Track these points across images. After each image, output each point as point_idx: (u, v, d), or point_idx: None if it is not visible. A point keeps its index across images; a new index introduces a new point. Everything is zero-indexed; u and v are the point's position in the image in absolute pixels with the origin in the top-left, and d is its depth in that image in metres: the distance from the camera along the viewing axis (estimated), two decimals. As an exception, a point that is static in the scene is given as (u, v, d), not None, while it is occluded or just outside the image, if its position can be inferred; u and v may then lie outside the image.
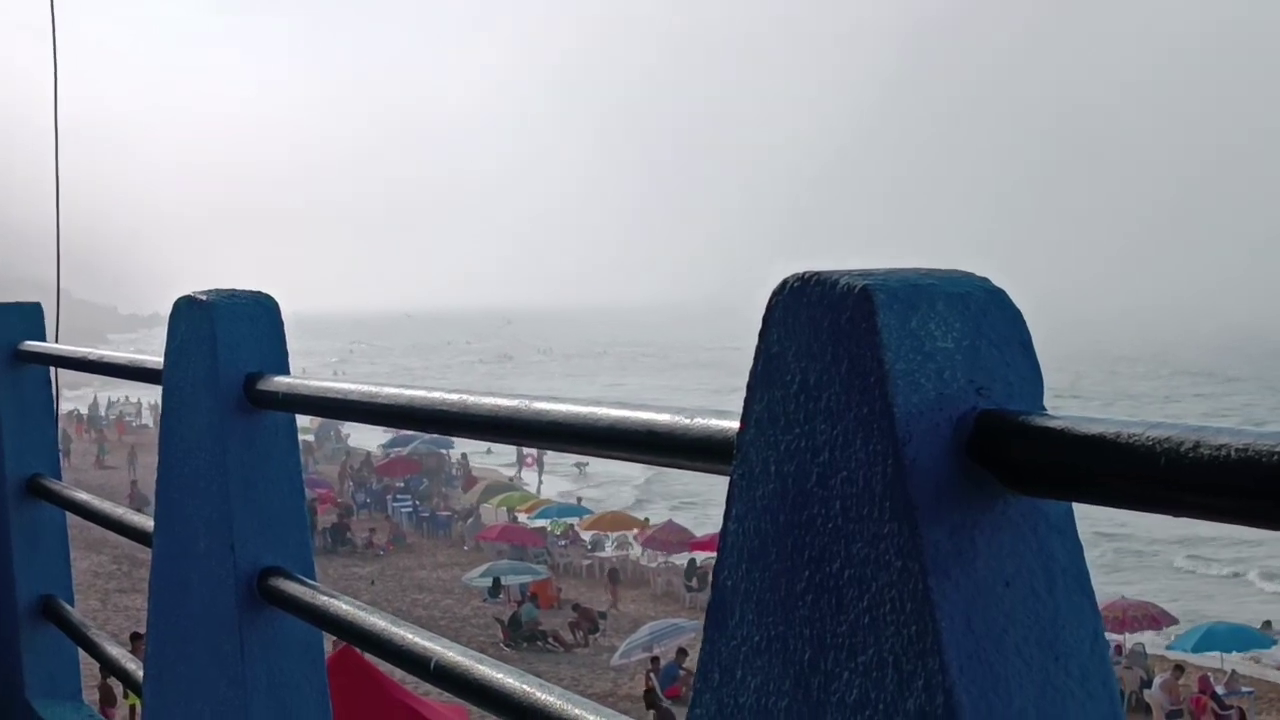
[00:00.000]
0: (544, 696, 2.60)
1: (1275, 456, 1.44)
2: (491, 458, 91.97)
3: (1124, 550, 69.33)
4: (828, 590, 1.84)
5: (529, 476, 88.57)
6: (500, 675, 2.76)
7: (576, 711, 2.51)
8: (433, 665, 2.95)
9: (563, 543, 62.43)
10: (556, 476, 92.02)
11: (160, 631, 4.26)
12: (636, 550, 60.81)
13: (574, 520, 64.39)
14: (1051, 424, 1.70)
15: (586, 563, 60.16)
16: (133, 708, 26.67)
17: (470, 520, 66.58)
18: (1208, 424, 1.54)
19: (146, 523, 4.56)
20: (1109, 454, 1.60)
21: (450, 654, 2.93)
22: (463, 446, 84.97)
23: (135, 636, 31.42)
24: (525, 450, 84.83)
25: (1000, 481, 1.76)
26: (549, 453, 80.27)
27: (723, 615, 2.02)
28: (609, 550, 61.82)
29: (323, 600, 3.56)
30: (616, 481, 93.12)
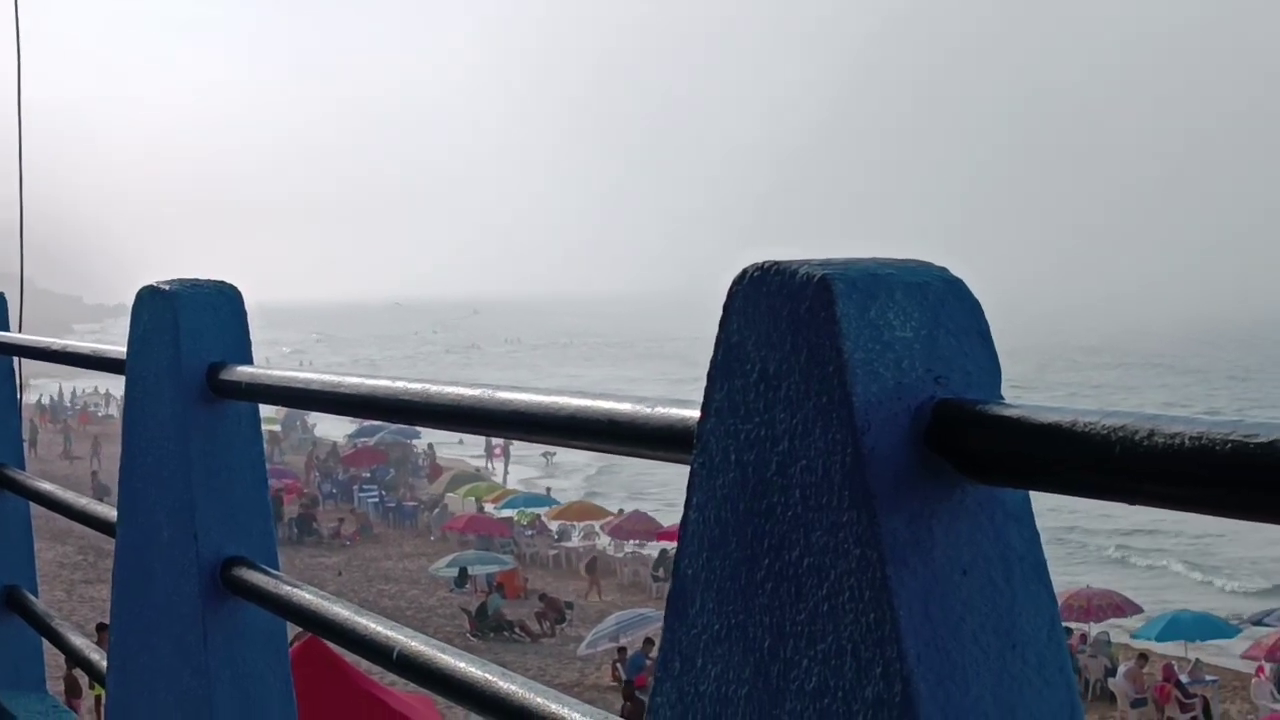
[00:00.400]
0: (506, 685, 2.61)
1: (1229, 445, 1.45)
2: (462, 448, 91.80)
3: (1067, 541, 69.43)
4: (787, 578, 1.85)
5: (499, 466, 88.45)
6: (463, 664, 2.76)
7: (539, 700, 2.51)
8: (396, 655, 2.95)
9: (529, 533, 62.36)
10: (526, 466, 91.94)
11: (124, 622, 4.25)
12: (604, 540, 60.78)
13: (541, 510, 64.35)
14: (1008, 413, 1.70)
15: (553, 553, 60.14)
16: (98, 698, 26.58)
17: (437, 510, 66.49)
18: (1163, 413, 1.55)
19: (110, 513, 4.55)
20: (1065, 443, 1.61)
21: (413, 644, 2.94)
22: (431, 437, 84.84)
23: (101, 627, 31.33)
24: (494, 440, 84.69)
25: (958, 470, 1.77)
26: (517, 443, 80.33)
27: (683, 604, 2.02)
28: (576, 540, 61.78)
29: (286, 590, 3.56)
30: (579, 469, 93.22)
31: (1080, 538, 70.91)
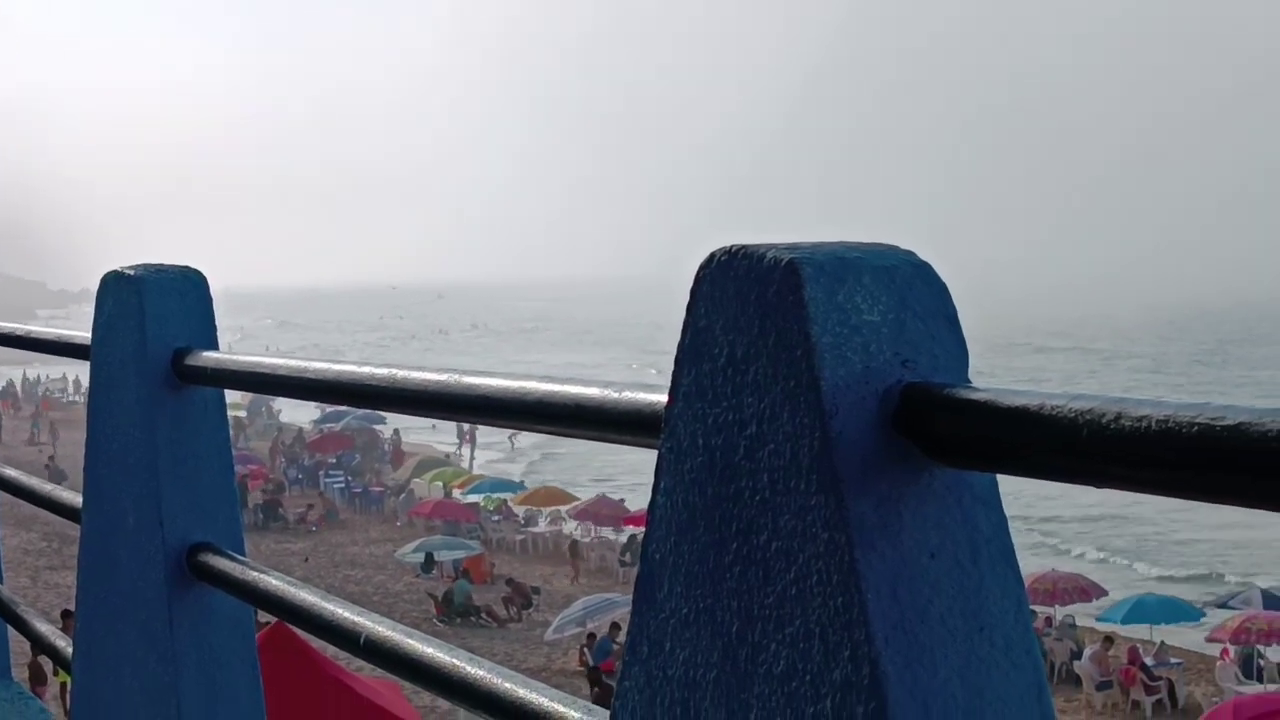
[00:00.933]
0: (473, 670, 2.60)
1: (1195, 428, 1.45)
2: (434, 434, 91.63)
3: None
4: (755, 562, 1.85)
5: (470, 452, 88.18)
6: (430, 650, 2.76)
7: (506, 685, 2.51)
8: (363, 640, 2.95)
9: (496, 518, 62.34)
10: (495, 451, 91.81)
11: (89, 608, 4.24)
12: (570, 525, 60.80)
13: (507, 495, 64.31)
14: (975, 396, 1.71)
15: (520, 538, 60.13)
16: (63, 685, 26.51)
17: (403, 496, 66.43)
18: (1129, 395, 1.56)
19: (76, 499, 4.54)
20: (1032, 426, 1.62)
21: (380, 629, 2.93)
22: (403, 422, 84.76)
23: (66, 614, 31.25)
24: (466, 426, 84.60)
25: (925, 454, 1.77)
26: (486, 428, 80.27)
27: (651, 588, 2.02)
28: (542, 525, 61.76)
29: (252, 576, 3.55)
30: (525, 453, 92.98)
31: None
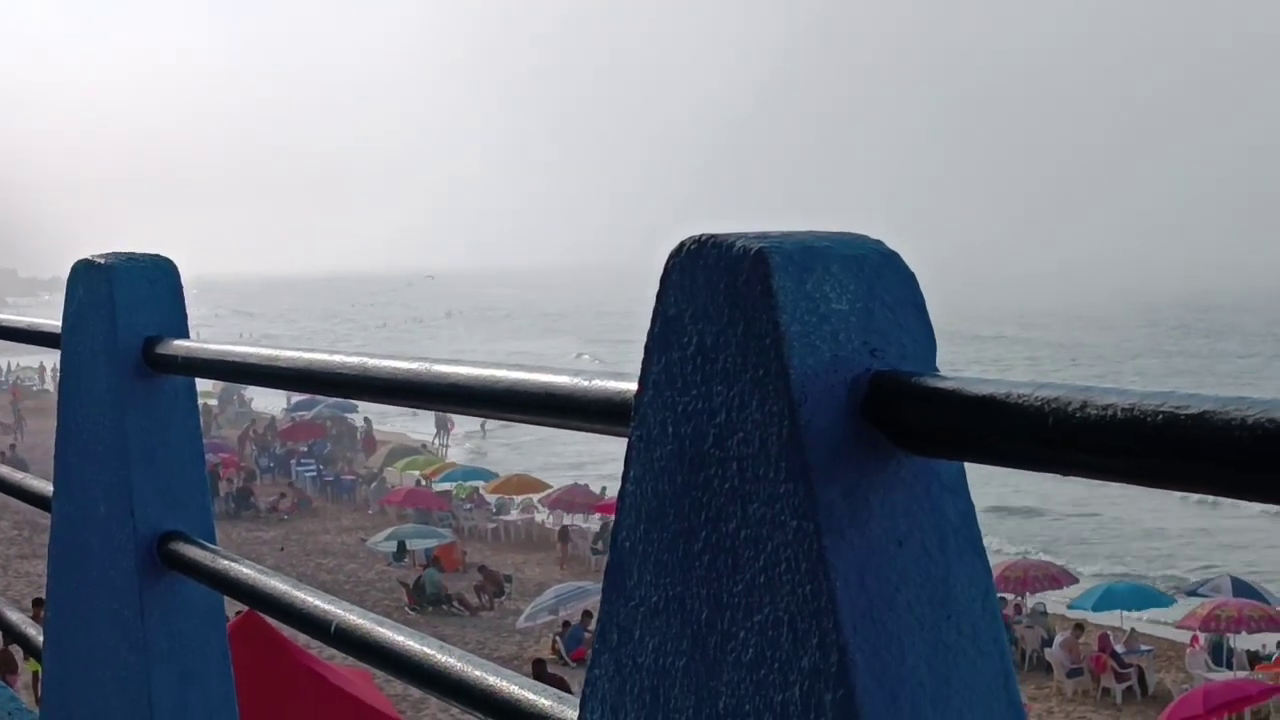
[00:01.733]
0: (444, 659, 2.61)
1: (1160, 416, 1.47)
2: (413, 422, 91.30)
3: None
4: (725, 550, 1.86)
5: (452, 441, 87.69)
6: (401, 638, 2.76)
7: (476, 673, 2.52)
8: (333, 628, 2.95)
9: (468, 506, 62.26)
10: (473, 439, 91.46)
11: (60, 597, 4.23)
12: (542, 513, 60.76)
13: (479, 484, 64.24)
14: (943, 385, 1.72)
15: (492, 526, 60.07)
16: (34, 674, 26.45)
17: (375, 484, 66.34)
18: (1095, 384, 1.57)
19: (46, 488, 4.53)
20: (999, 414, 1.63)
21: (351, 617, 2.94)
22: (381, 410, 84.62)
23: (37, 602, 31.16)
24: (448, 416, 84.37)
25: (894, 442, 1.78)
26: (463, 418, 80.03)
27: (621, 576, 2.03)
28: (514, 514, 61.71)
29: (223, 564, 3.55)
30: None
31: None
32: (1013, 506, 67.01)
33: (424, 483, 65.06)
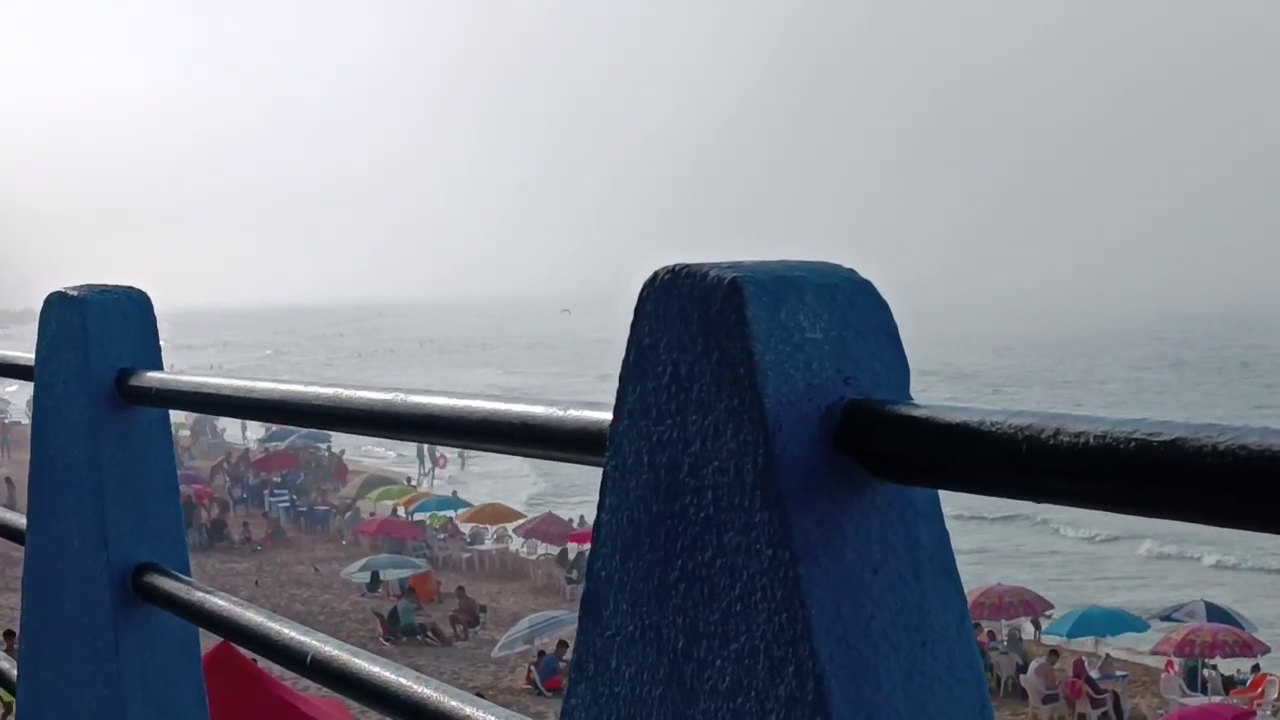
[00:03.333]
0: (420, 689, 2.61)
1: (1133, 443, 1.47)
2: (392, 454, 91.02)
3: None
4: (700, 579, 1.87)
5: (441, 473, 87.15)
6: (377, 669, 2.76)
7: (452, 704, 2.52)
8: (309, 660, 2.95)
9: (442, 536, 62.20)
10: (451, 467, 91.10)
11: (34, 629, 4.22)
12: (516, 543, 60.72)
13: (453, 513, 64.19)
14: (916, 413, 1.72)
15: (466, 555, 60.00)
16: (8, 706, 26.32)
17: (349, 514, 66.24)
18: (1068, 411, 1.57)
19: (20, 520, 4.52)
20: (972, 442, 1.63)
21: (327, 648, 2.93)
22: (350, 445, 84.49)
23: (9, 634, 31.06)
24: (440, 451, 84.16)
25: (868, 470, 1.79)
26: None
27: (597, 606, 2.03)
28: (488, 543, 61.66)
29: (198, 596, 3.55)
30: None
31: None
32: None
33: (401, 512, 65.00)
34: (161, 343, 3.99)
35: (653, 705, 1.93)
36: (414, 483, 79.61)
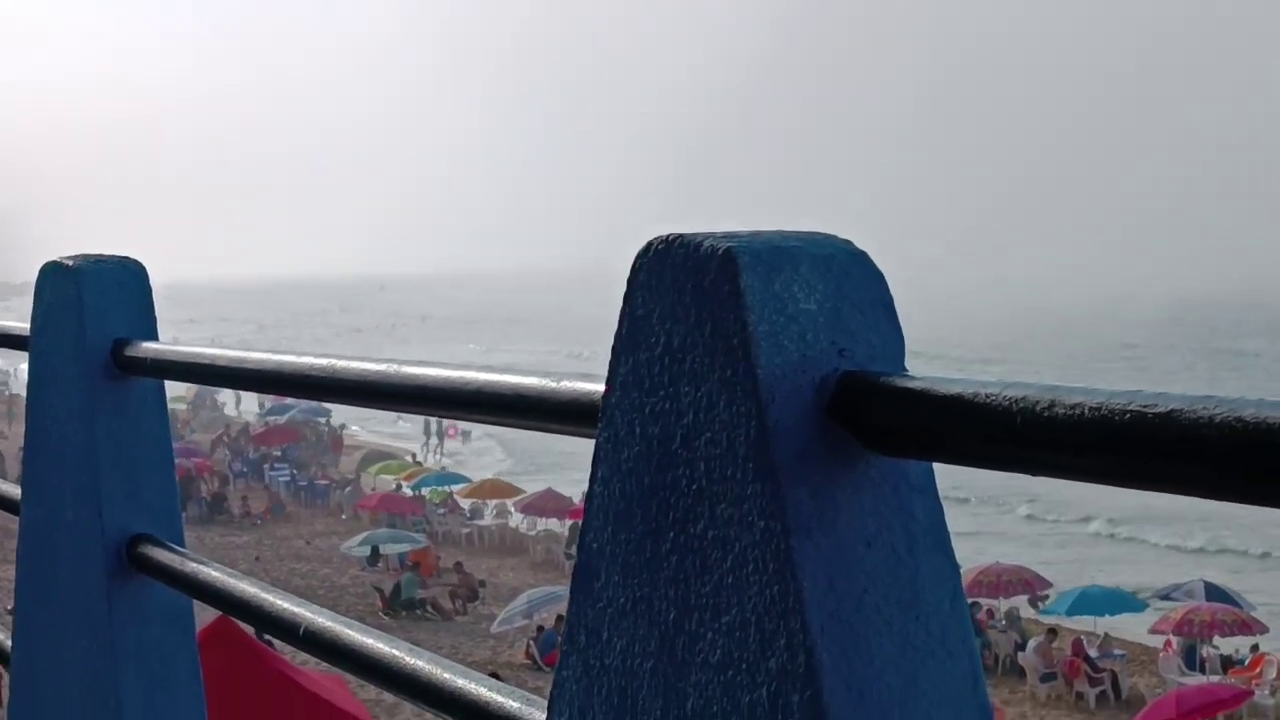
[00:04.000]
0: (412, 661, 2.60)
1: (1128, 415, 1.46)
2: (400, 429, 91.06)
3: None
4: (692, 551, 1.85)
5: (446, 446, 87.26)
6: (370, 640, 2.75)
7: (445, 676, 2.51)
8: (302, 631, 2.94)
9: (442, 511, 62.26)
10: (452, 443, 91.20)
11: (28, 600, 4.21)
12: (516, 518, 60.78)
13: (453, 488, 64.23)
14: (911, 385, 1.71)
15: (465, 530, 60.07)
16: None
17: (348, 489, 66.29)
18: (1062, 383, 1.56)
19: (14, 491, 4.51)
20: (967, 414, 1.62)
21: (320, 620, 2.93)
22: (353, 419, 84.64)
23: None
24: (448, 424, 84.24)
25: (862, 442, 1.77)
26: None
27: (589, 578, 2.02)
28: (488, 518, 61.72)
29: (192, 567, 3.54)
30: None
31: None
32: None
33: (402, 486, 65.05)
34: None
35: (644, 677, 1.92)
36: (418, 459, 79.53)
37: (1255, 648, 39.69)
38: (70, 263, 3.90)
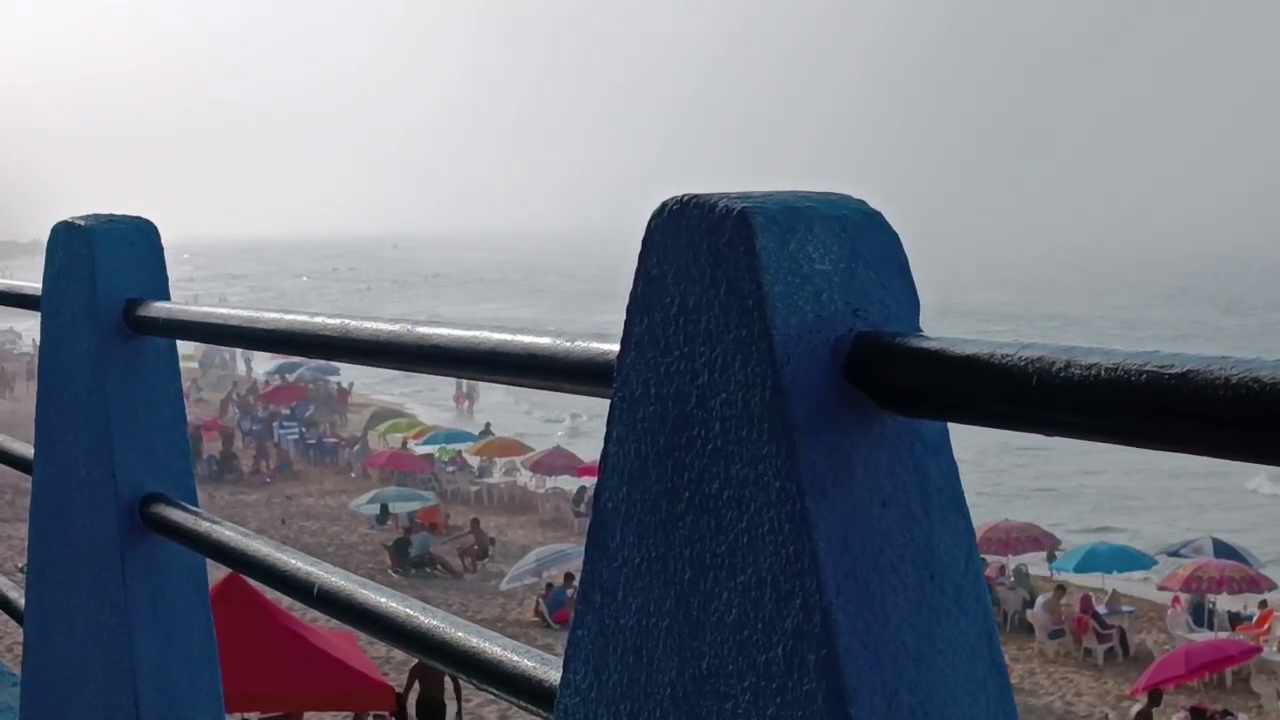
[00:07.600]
0: (427, 620, 2.61)
1: (1144, 376, 1.46)
2: (427, 394, 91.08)
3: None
4: (707, 511, 1.86)
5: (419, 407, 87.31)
6: (383, 600, 2.76)
7: (459, 635, 2.52)
8: (316, 590, 2.95)
9: (451, 469, 62.27)
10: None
11: (41, 560, 4.23)
12: (524, 476, 60.78)
13: (462, 446, 64.22)
14: (926, 345, 1.71)
15: (474, 489, 60.09)
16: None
17: (357, 447, 66.30)
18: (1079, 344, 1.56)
19: (27, 450, 4.52)
20: (982, 374, 1.62)
21: (333, 579, 2.93)
22: (367, 378, 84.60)
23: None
24: (466, 387, 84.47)
25: (877, 402, 1.78)
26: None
27: (604, 537, 2.03)
28: (497, 476, 61.74)
29: (205, 526, 3.55)
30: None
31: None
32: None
33: (411, 444, 65.04)
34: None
35: (659, 636, 1.93)
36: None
37: (1263, 604, 39.70)
38: (82, 222, 3.89)
